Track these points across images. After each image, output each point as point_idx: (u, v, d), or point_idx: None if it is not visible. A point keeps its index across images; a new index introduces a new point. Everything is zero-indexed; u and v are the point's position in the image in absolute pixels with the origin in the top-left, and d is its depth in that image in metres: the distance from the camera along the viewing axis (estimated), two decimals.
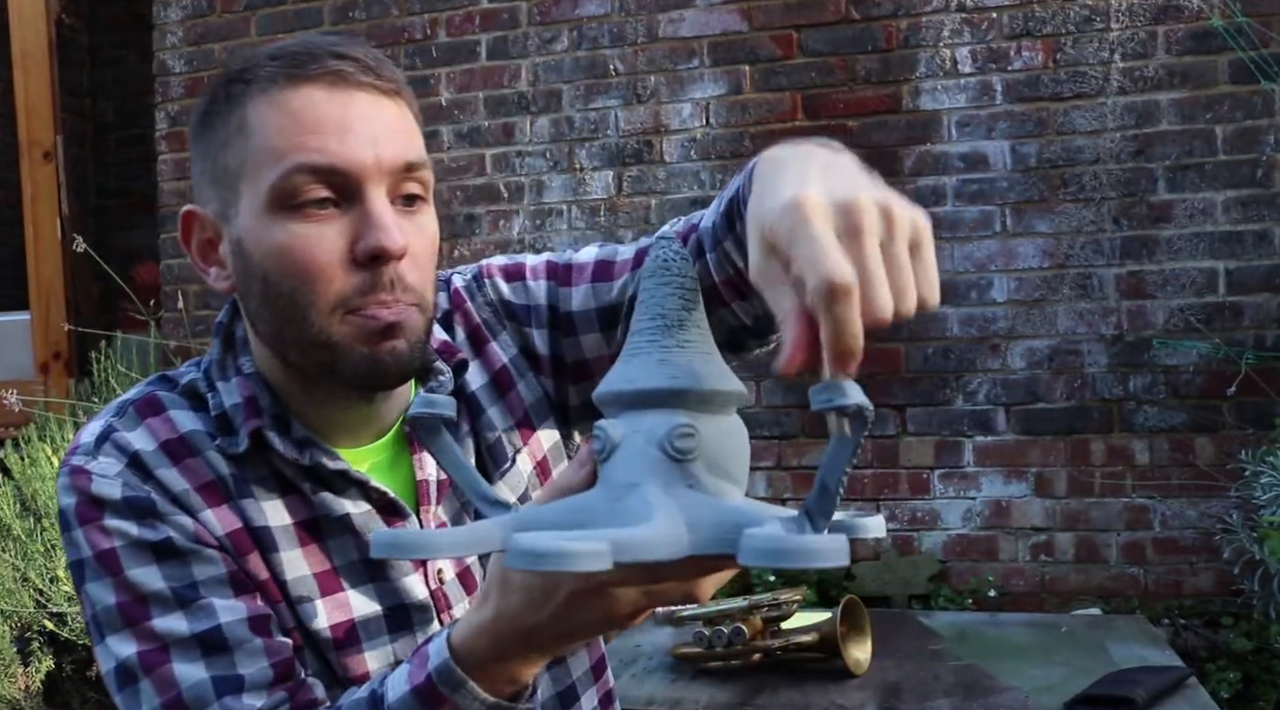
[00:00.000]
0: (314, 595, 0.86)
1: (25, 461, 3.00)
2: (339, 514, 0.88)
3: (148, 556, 0.83)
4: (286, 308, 0.82)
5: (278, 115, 0.81)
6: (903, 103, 3.08)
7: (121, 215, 4.80)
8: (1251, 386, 2.77)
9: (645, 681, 1.67)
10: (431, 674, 0.74)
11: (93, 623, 0.85)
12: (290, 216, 0.80)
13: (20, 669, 2.85)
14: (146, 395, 0.89)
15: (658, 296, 0.66)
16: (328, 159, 0.80)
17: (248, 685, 0.81)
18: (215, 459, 0.86)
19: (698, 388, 0.63)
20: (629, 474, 0.62)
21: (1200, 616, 2.80)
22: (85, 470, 0.85)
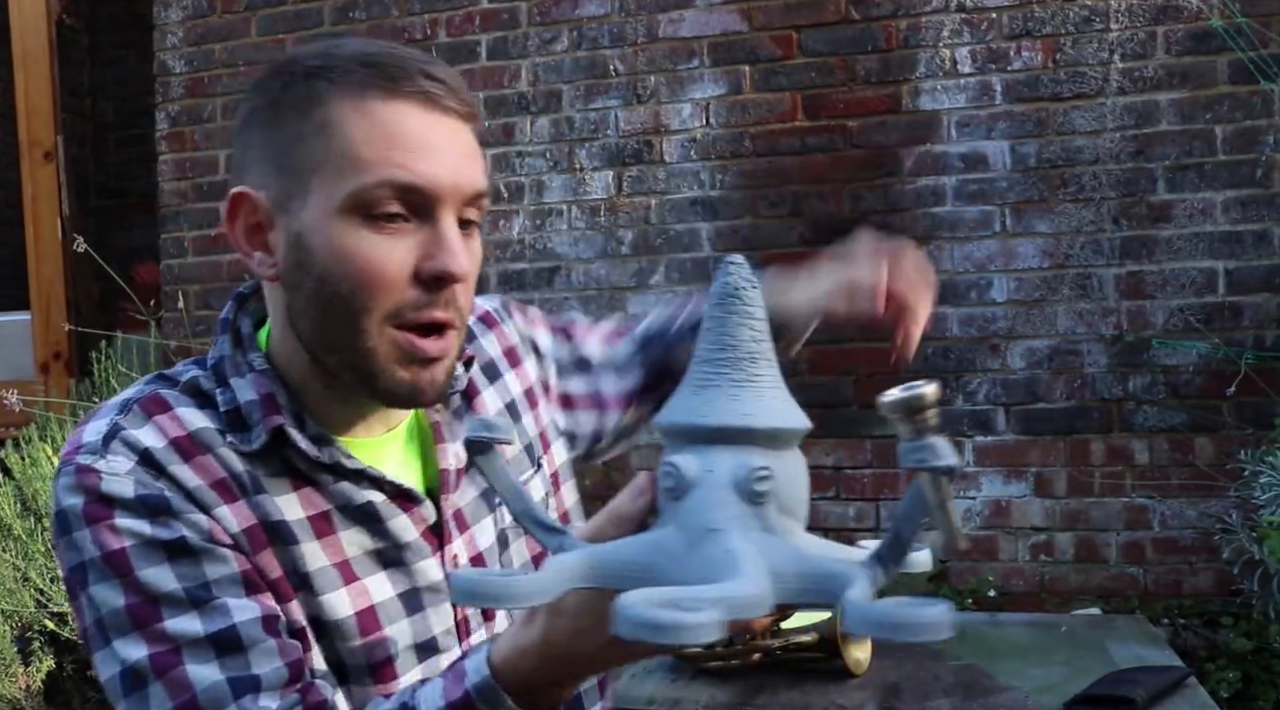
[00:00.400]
0: (336, 585, 0.87)
1: (25, 461, 3.01)
2: (360, 502, 0.89)
3: (160, 556, 0.81)
4: (340, 310, 0.84)
5: (368, 125, 0.82)
6: (903, 103, 3.09)
7: (121, 215, 4.80)
8: (1251, 386, 2.77)
9: (645, 681, 1.67)
10: (470, 690, 0.73)
11: (95, 628, 0.82)
12: (364, 224, 0.82)
13: (21, 669, 2.85)
14: (149, 393, 0.88)
15: (728, 326, 0.65)
16: (414, 178, 0.82)
17: (264, 686, 0.80)
18: (227, 455, 0.86)
19: (771, 427, 0.63)
20: (707, 518, 0.61)
21: (1200, 616, 2.80)
22: (93, 469, 0.83)
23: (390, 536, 0.90)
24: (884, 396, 0.58)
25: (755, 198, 3.18)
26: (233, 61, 3.70)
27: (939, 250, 3.05)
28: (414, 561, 0.91)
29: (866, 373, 3.04)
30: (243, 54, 3.69)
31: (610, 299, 3.30)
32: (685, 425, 0.63)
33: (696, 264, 3.23)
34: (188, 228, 3.75)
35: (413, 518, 0.92)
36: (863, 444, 3.02)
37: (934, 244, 3.05)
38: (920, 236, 3.06)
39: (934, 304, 1.08)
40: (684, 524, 0.62)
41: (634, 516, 0.66)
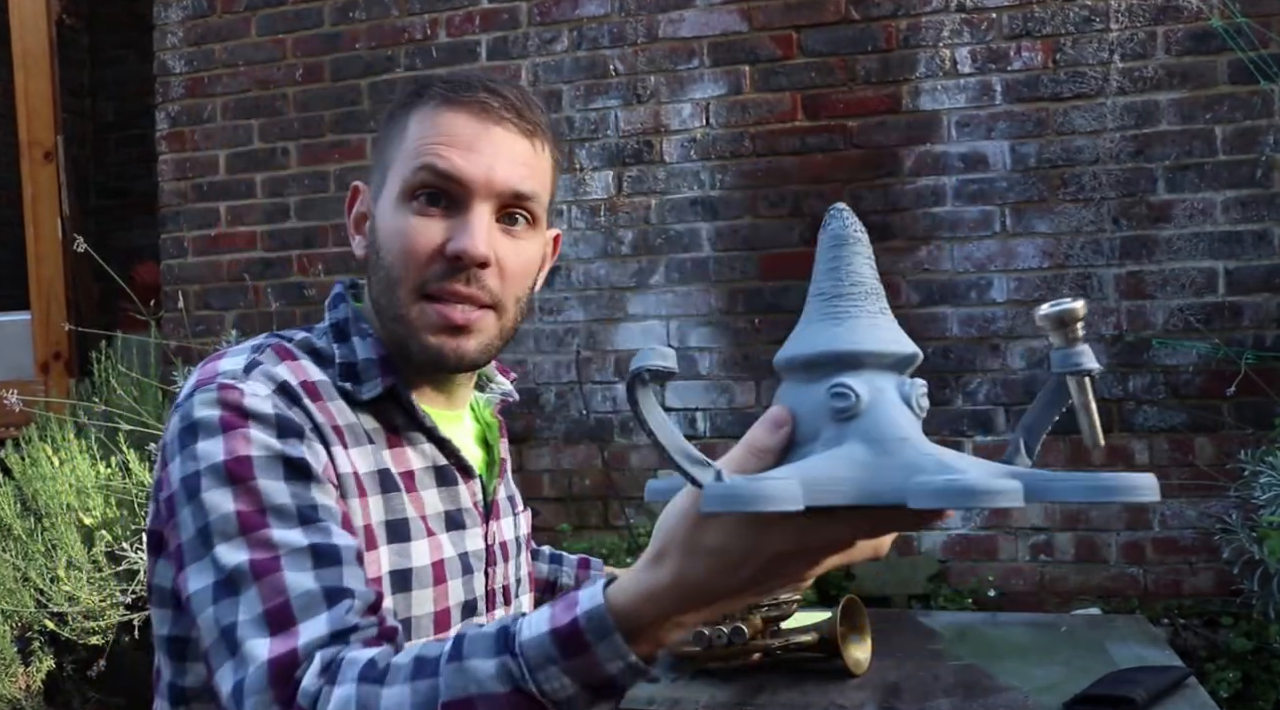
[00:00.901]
0: (422, 535, 0.98)
1: (25, 461, 3.00)
2: (441, 464, 1.03)
3: (280, 471, 0.88)
4: (385, 280, 0.99)
5: (428, 127, 0.99)
6: (903, 103, 3.09)
7: (121, 215, 4.80)
8: (1251, 386, 2.77)
9: None
10: (579, 618, 0.72)
11: (198, 536, 0.86)
12: (409, 207, 0.98)
13: (21, 669, 2.85)
14: (275, 343, 0.99)
15: (854, 264, 0.70)
16: (448, 167, 0.96)
17: (356, 597, 0.84)
18: (342, 407, 0.97)
19: (913, 352, 0.69)
20: (893, 428, 0.65)
21: (1200, 616, 2.80)
22: (236, 387, 0.90)
23: (459, 499, 1.04)
24: (1038, 311, 0.66)
25: (755, 198, 3.18)
26: (233, 61, 3.70)
27: (939, 250, 3.05)
28: (469, 526, 1.05)
29: None
30: (243, 54, 3.69)
31: (610, 299, 3.30)
32: (841, 352, 0.67)
33: (696, 264, 3.23)
34: (188, 228, 3.75)
35: (468, 489, 1.06)
36: None
37: (934, 244, 3.05)
38: (920, 236, 3.06)
39: None
40: (870, 437, 0.64)
41: (775, 448, 0.67)
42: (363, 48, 3.56)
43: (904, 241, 3.07)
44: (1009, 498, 0.55)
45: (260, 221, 3.68)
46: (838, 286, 0.69)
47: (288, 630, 0.81)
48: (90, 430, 3.08)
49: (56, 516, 2.84)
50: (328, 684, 0.77)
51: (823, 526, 0.64)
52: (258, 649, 0.80)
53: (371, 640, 0.83)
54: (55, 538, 2.84)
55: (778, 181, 3.17)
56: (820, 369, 0.67)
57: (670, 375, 0.65)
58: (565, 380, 3.33)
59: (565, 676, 0.72)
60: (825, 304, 0.69)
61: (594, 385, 3.30)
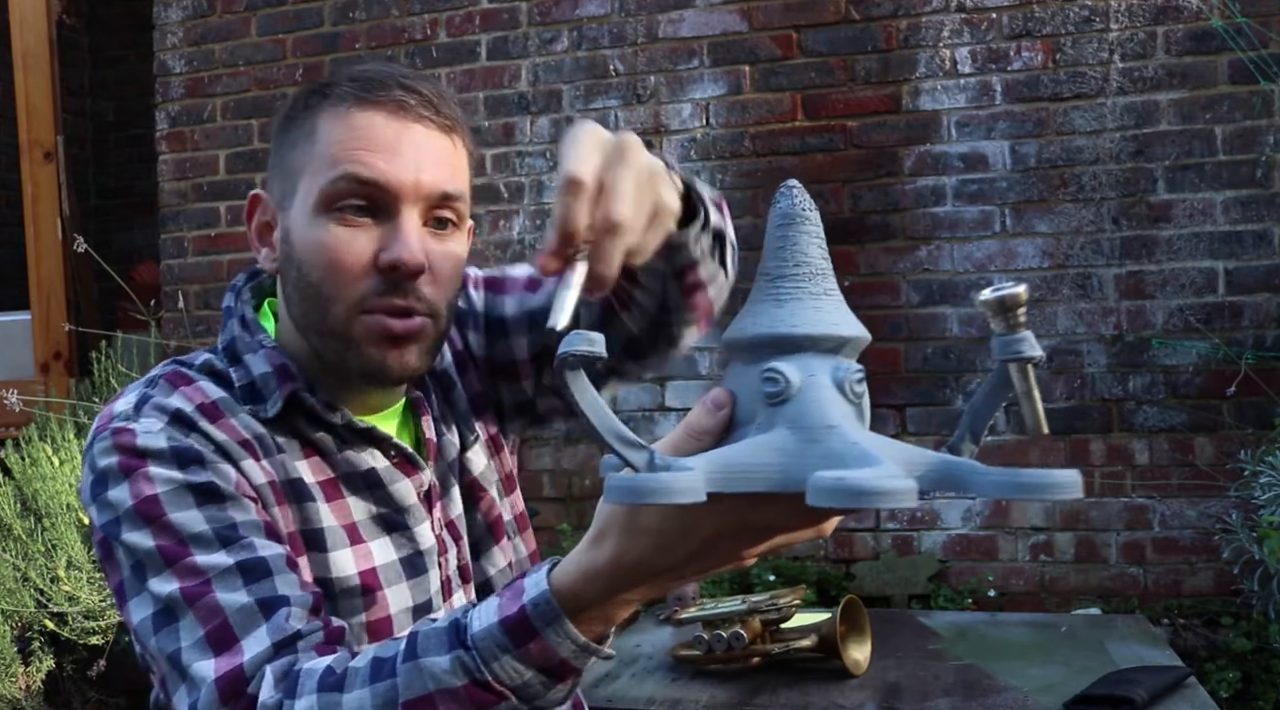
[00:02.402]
0: (344, 545, 0.94)
1: (25, 461, 3.00)
2: (365, 468, 0.98)
3: (189, 500, 0.87)
4: (314, 296, 0.93)
5: (342, 130, 0.92)
6: (902, 103, 3.09)
7: (121, 215, 4.80)
8: (1251, 386, 2.77)
9: (645, 681, 1.67)
10: (526, 606, 0.72)
11: (130, 575, 0.86)
12: (331, 218, 0.92)
13: (21, 669, 2.85)
14: (171, 370, 0.97)
15: (799, 243, 0.69)
16: (373, 174, 0.91)
17: (293, 604, 0.84)
18: (247, 421, 0.94)
19: (855, 335, 0.68)
20: (822, 416, 0.64)
21: (1200, 616, 2.80)
22: (128, 429, 0.90)
23: (393, 501, 0.99)
24: (980, 295, 0.64)
25: (755, 198, 3.18)
26: (233, 61, 3.70)
27: (939, 250, 3.05)
28: (414, 525, 0.99)
29: (868, 372, 3.03)
30: (243, 54, 3.69)
31: None
32: (778, 335, 0.66)
33: None
34: (188, 228, 3.75)
35: (413, 483, 1.00)
36: None
37: (934, 244, 3.05)
38: (920, 236, 3.07)
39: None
40: (797, 423, 0.64)
41: (713, 429, 0.67)
42: (363, 48, 3.56)
43: (904, 241, 3.07)
44: (900, 498, 0.54)
45: None
46: (782, 267, 0.68)
47: (230, 648, 0.82)
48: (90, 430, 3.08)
49: (56, 516, 2.84)
50: (287, 697, 0.78)
51: (753, 510, 0.64)
52: (204, 670, 0.81)
53: (321, 645, 0.83)
54: (55, 538, 2.84)
55: (778, 181, 3.16)
56: (758, 351, 0.67)
57: (598, 359, 0.64)
58: None
59: (519, 664, 0.73)
60: (769, 284, 0.68)
61: None
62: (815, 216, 0.70)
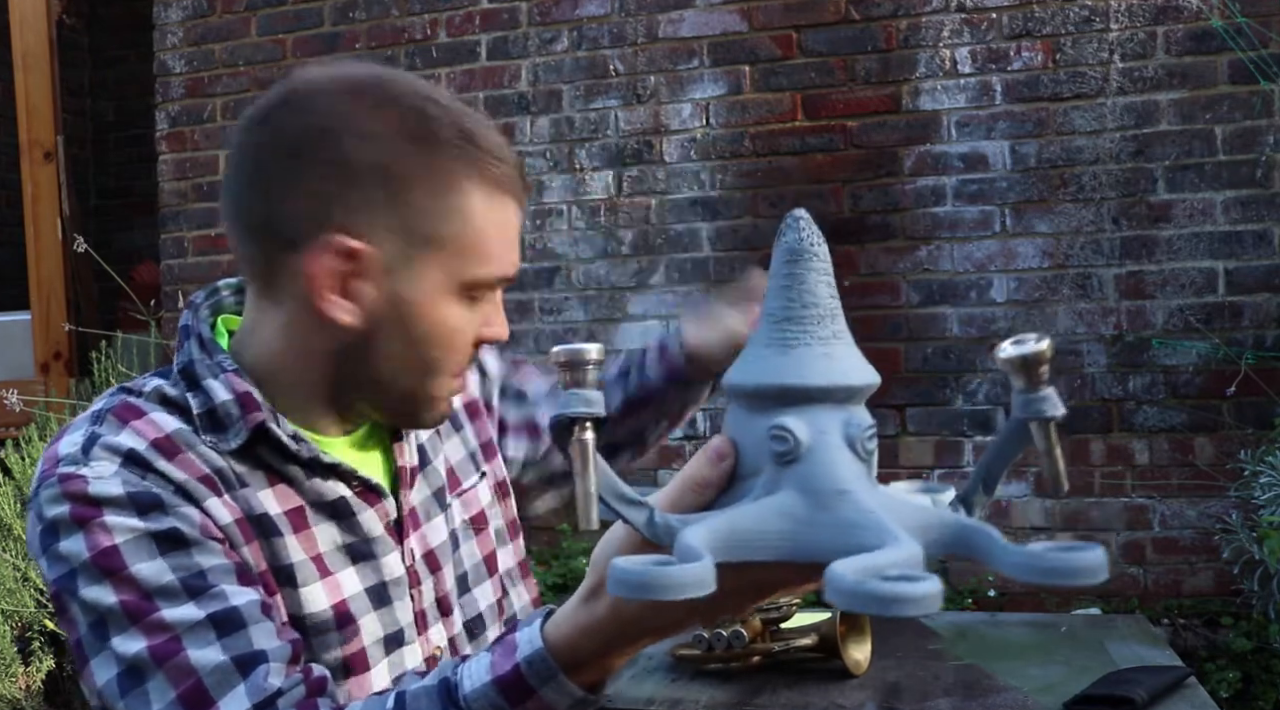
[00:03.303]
0: (314, 579, 0.89)
1: (25, 461, 3.01)
2: (332, 498, 0.92)
3: (152, 549, 0.81)
4: (420, 367, 0.90)
5: (496, 224, 0.89)
6: (903, 103, 3.09)
7: (121, 215, 4.80)
8: (1251, 386, 2.77)
9: (645, 681, 1.67)
10: (520, 664, 0.71)
11: (90, 634, 0.81)
12: (463, 301, 0.90)
13: (21, 668, 2.85)
14: (119, 403, 0.89)
15: (807, 282, 0.64)
16: (511, 272, 0.92)
17: (271, 659, 0.79)
18: (206, 453, 0.87)
19: (866, 383, 0.64)
20: (832, 480, 0.60)
21: (1200, 616, 2.80)
22: (77, 475, 0.82)
23: (360, 531, 0.93)
24: (1001, 352, 0.61)
25: (755, 198, 3.18)
26: (233, 61, 3.70)
27: (939, 250, 3.05)
28: (381, 555, 0.94)
29: None
30: (243, 54, 3.69)
31: (610, 299, 3.30)
32: (786, 386, 0.62)
33: (696, 264, 3.23)
34: (188, 228, 3.75)
35: (378, 512, 0.95)
36: None
37: (934, 244, 3.05)
38: (920, 236, 3.06)
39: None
40: (806, 487, 0.60)
41: (715, 483, 0.64)
42: (363, 48, 3.56)
43: (904, 241, 3.07)
44: (927, 605, 0.50)
45: None
46: (789, 308, 0.64)
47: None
48: None
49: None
50: None
51: (761, 574, 0.62)
52: None
53: (301, 701, 0.79)
54: None
55: (778, 181, 3.17)
56: (763, 402, 0.63)
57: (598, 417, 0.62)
58: None
59: None
60: (775, 328, 0.64)
61: None
62: (824, 251, 0.65)
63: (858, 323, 2.95)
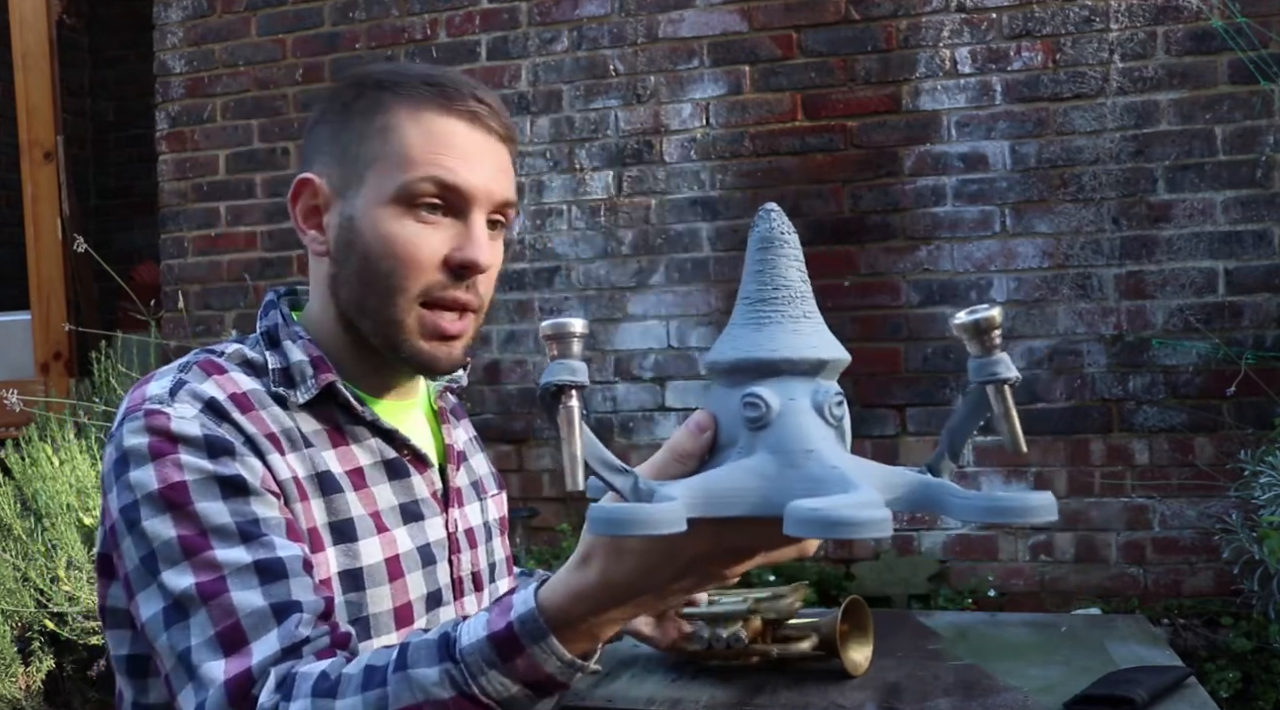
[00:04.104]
0: (371, 533, 0.97)
1: (25, 461, 3.00)
2: (390, 458, 1.02)
3: (216, 491, 0.88)
4: (378, 284, 0.98)
5: (422, 132, 0.98)
6: (902, 103, 3.09)
7: (121, 215, 4.80)
8: (1251, 386, 2.77)
9: (645, 681, 1.67)
10: (514, 622, 0.75)
11: (143, 564, 0.86)
12: (407, 213, 0.97)
13: (21, 669, 2.85)
14: (203, 359, 0.98)
15: (778, 267, 0.70)
16: (456, 180, 0.97)
17: (304, 610, 0.85)
18: (276, 414, 0.96)
19: (835, 357, 0.68)
20: (800, 440, 0.65)
21: (1200, 616, 2.80)
22: (162, 412, 0.90)
23: (412, 491, 1.03)
24: (955, 319, 0.66)
25: (755, 198, 3.18)
26: (233, 61, 3.70)
27: (939, 250, 3.05)
28: (427, 517, 1.04)
29: (867, 373, 3.04)
30: (243, 54, 3.69)
31: (610, 299, 3.30)
32: (758, 359, 0.67)
33: (696, 264, 3.23)
34: (188, 228, 3.75)
35: (425, 479, 1.05)
36: (863, 444, 3.02)
37: (934, 244, 3.05)
38: (920, 236, 3.06)
39: None
40: (777, 448, 0.65)
41: (697, 452, 0.68)
42: (363, 48, 3.56)
43: (904, 241, 3.07)
44: (875, 528, 0.55)
45: (260, 221, 3.68)
46: (762, 290, 0.69)
47: (241, 650, 0.82)
48: (90, 430, 3.08)
49: (56, 516, 2.84)
50: (283, 699, 0.79)
51: (736, 533, 0.66)
52: (214, 671, 0.82)
53: (324, 650, 0.84)
54: (55, 538, 2.84)
55: (778, 181, 3.17)
56: (739, 375, 0.68)
57: (580, 387, 0.66)
58: None
59: (505, 678, 0.75)
60: (749, 308, 0.69)
61: (594, 385, 3.30)
62: (794, 239, 0.71)
63: (858, 323, 2.97)
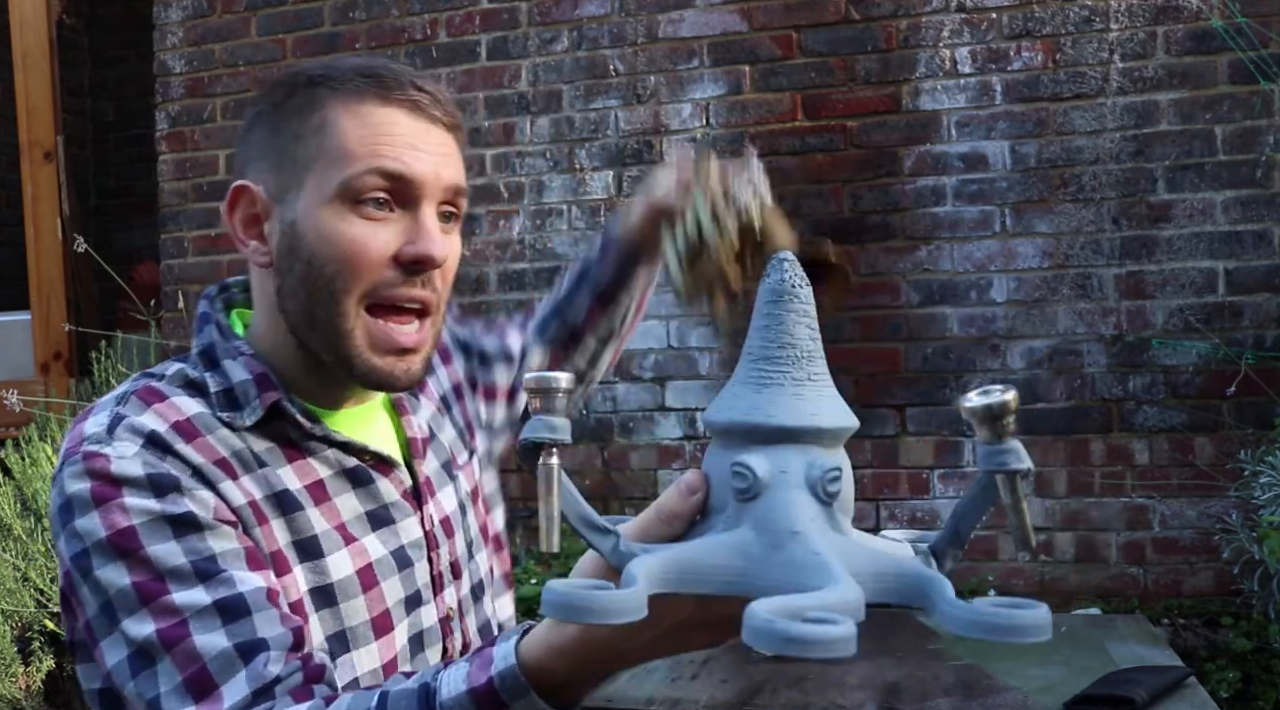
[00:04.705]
0: (339, 547, 0.93)
1: (26, 461, 3.01)
2: (350, 466, 0.97)
3: (167, 532, 0.84)
4: (324, 290, 0.91)
5: (360, 125, 0.92)
6: (902, 103, 3.09)
7: (121, 215, 4.80)
8: (1251, 386, 2.77)
9: (645, 681, 1.67)
10: (494, 679, 0.73)
11: (101, 614, 0.84)
12: (351, 210, 0.91)
13: (21, 669, 2.85)
14: (141, 386, 0.93)
15: (786, 324, 0.66)
16: (400, 168, 0.91)
17: (271, 647, 0.82)
18: (224, 436, 0.91)
19: (836, 426, 0.64)
20: (787, 520, 0.61)
21: (1200, 616, 2.80)
22: (101, 454, 0.86)
23: (379, 497, 0.98)
24: (966, 401, 0.60)
25: None
26: (233, 61, 3.70)
27: (939, 250, 3.05)
28: (400, 520, 0.99)
29: (867, 373, 3.04)
30: (243, 54, 3.69)
31: None
32: (753, 425, 0.63)
33: None
34: (188, 228, 3.75)
35: (392, 481, 1.00)
36: (863, 444, 3.02)
37: (934, 244, 3.05)
38: (920, 236, 3.06)
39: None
40: (762, 526, 0.61)
41: (685, 514, 0.66)
42: (363, 48, 3.55)
43: (904, 241, 3.07)
44: (835, 648, 0.49)
45: None
46: (766, 348, 0.65)
47: (210, 695, 0.80)
48: None
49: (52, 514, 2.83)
50: None
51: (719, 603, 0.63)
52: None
53: (298, 688, 0.82)
54: None
55: (778, 181, 3.14)
56: (732, 438, 0.65)
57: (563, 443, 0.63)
58: None
59: None
60: (752, 366, 0.66)
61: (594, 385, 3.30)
62: (806, 293, 0.66)
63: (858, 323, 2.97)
